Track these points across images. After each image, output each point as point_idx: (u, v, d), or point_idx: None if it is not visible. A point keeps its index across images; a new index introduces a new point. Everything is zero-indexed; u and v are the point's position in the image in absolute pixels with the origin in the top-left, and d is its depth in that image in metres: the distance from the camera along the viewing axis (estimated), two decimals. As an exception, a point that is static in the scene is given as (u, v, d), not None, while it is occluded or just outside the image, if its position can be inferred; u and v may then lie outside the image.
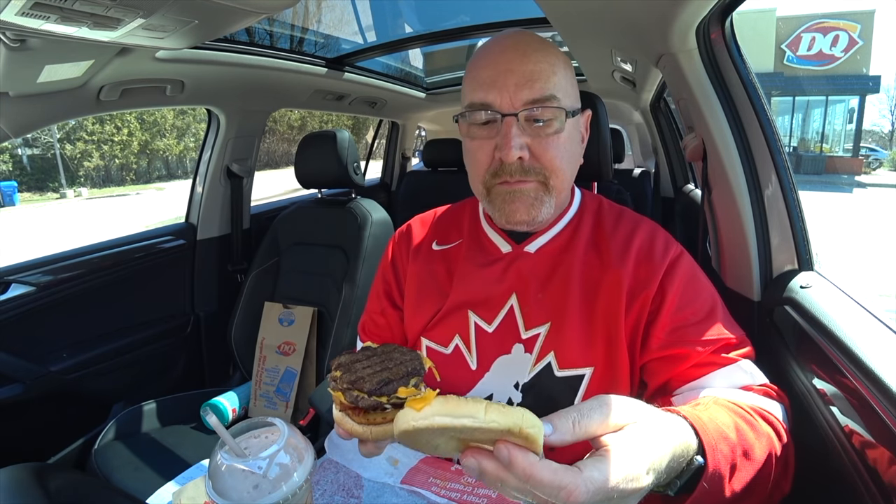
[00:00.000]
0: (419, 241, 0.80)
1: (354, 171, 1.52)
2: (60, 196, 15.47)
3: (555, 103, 0.60)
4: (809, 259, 0.83)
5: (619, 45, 1.29)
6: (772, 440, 0.52)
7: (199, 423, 1.38)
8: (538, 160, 0.61)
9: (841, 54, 15.64)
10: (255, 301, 1.58)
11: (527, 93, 0.59)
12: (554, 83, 0.60)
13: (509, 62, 0.60)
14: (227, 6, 0.84)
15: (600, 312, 0.64)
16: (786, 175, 0.84)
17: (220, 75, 1.43)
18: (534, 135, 0.61)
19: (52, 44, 0.91)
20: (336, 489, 0.64)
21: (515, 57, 0.60)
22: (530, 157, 0.61)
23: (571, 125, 0.64)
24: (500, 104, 0.60)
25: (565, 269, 0.67)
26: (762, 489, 0.50)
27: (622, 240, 0.68)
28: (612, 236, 0.68)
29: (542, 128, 0.61)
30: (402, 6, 2.04)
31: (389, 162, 3.02)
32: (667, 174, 2.35)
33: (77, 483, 0.65)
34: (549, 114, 0.60)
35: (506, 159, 0.60)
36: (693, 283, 0.65)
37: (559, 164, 0.62)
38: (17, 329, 1.28)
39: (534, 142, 0.61)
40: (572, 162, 0.66)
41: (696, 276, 0.66)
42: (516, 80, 0.59)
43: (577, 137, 0.67)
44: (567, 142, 0.63)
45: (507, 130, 0.59)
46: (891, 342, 0.56)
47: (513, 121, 0.59)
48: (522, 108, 0.59)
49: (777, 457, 0.51)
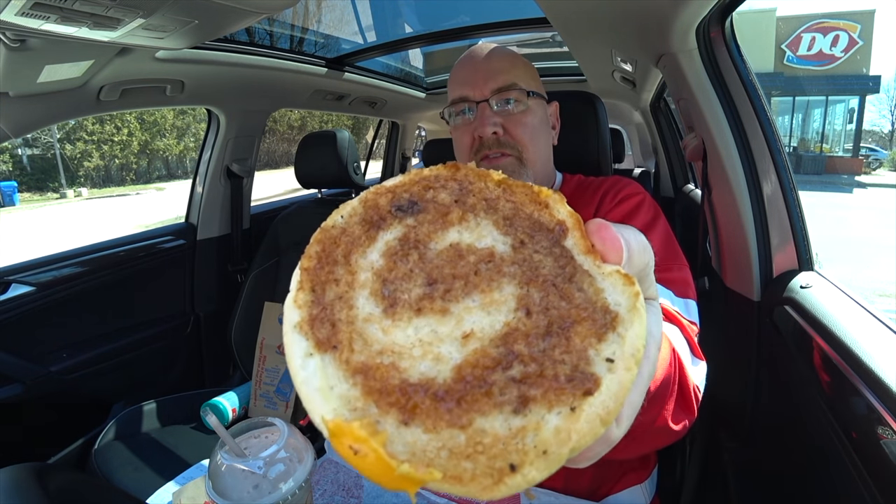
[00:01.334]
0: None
1: (354, 171, 1.52)
2: (60, 196, 15.47)
3: (517, 87, 0.74)
4: (809, 259, 0.84)
5: (619, 45, 1.29)
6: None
7: (199, 423, 1.38)
8: (511, 136, 0.74)
9: (841, 54, 15.64)
10: (255, 301, 1.58)
11: (492, 83, 0.73)
12: (514, 74, 0.74)
13: (477, 63, 0.76)
14: (227, 6, 0.84)
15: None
16: (786, 175, 0.84)
17: (220, 75, 1.43)
18: (505, 115, 0.74)
19: (52, 44, 0.91)
20: (336, 489, 0.64)
21: (481, 59, 0.76)
22: (504, 133, 0.74)
23: (538, 108, 0.77)
24: (473, 95, 0.74)
25: None
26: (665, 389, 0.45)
27: (599, 194, 0.78)
28: (589, 200, 0.79)
29: (511, 109, 0.74)
30: (402, 6, 2.04)
31: (389, 162, 3.02)
32: (667, 174, 2.35)
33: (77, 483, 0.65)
34: (513, 95, 0.74)
35: (483, 135, 0.73)
36: (655, 224, 0.72)
37: (529, 138, 0.74)
38: (17, 329, 1.28)
39: (506, 120, 0.74)
40: (542, 140, 0.78)
41: (657, 218, 0.73)
42: (483, 75, 0.74)
43: (546, 122, 0.80)
44: (535, 121, 0.76)
45: (482, 113, 0.74)
46: (891, 342, 0.56)
47: (485, 105, 0.74)
48: (491, 95, 0.73)
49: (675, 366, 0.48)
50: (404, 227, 0.24)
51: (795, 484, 0.56)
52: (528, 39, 1.98)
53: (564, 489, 0.67)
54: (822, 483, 0.61)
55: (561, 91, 1.00)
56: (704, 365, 0.57)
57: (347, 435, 0.18)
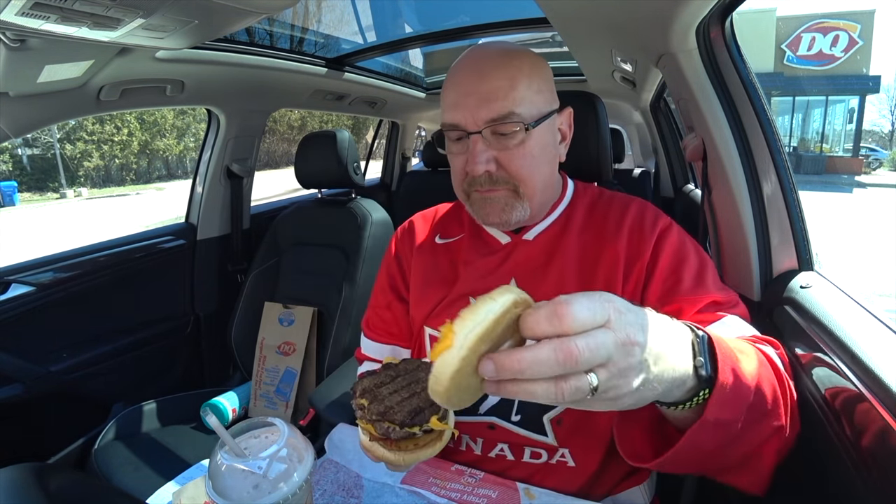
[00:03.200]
0: (422, 237, 0.83)
1: (354, 171, 1.52)
2: (60, 196, 15.47)
3: (513, 118, 0.62)
4: (809, 259, 0.83)
5: (619, 45, 1.29)
6: (764, 361, 0.50)
7: (199, 423, 1.38)
8: (505, 170, 0.65)
9: (841, 54, 15.65)
10: (255, 301, 1.58)
11: (485, 112, 0.62)
12: (512, 98, 0.62)
13: (468, 85, 0.64)
14: (227, 6, 0.84)
15: (600, 285, 0.67)
16: (786, 175, 0.84)
17: (220, 75, 1.43)
18: (500, 147, 0.64)
19: (52, 44, 0.91)
20: (336, 489, 0.64)
21: (473, 79, 0.64)
22: (497, 167, 0.65)
23: (540, 132, 0.66)
24: (465, 124, 0.64)
25: (563, 250, 0.71)
26: (768, 404, 0.47)
27: (616, 217, 0.72)
28: (607, 216, 0.73)
29: (507, 140, 0.64)
30: (402, 6, 2.04)
31: (389, 162, 3.02)
32: (667, 174, 2.35)
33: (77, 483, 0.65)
34: (508, 128, 0.63)
35: (473, 173, 0.65)
36: (681, 250, 0.68)
37: (526, 173, 0.65)
38: (17, 329, 1.28)
39: (501, 154, 0.64)
40: (543, 167, 0.68)
41: (685, 244, 0.69)
42: (475, 101, 0.63)
43: (551, 140, 0.69)
44: (535, 150, 0.65)
45: (474, 147, 0.64)
46: (891, 342, 0.56)
47: (478, 138, 0.64)
48: (485, 126, 0.63)
49: (776, 375, 0.50)
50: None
51: (796, 484, 0.56)
52: (528, 39, 1.98)
53: (564, 489, 0.67)
54: (822, 483, 0.61)
55: (561, 91, 0.99)
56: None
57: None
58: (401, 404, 0.42)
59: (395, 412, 0.41)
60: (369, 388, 0.44)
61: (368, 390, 0.44)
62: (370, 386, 0.45)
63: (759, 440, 0.48)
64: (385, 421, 0.42)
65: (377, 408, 0.42)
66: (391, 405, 0.42)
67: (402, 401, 0.42)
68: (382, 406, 0.42)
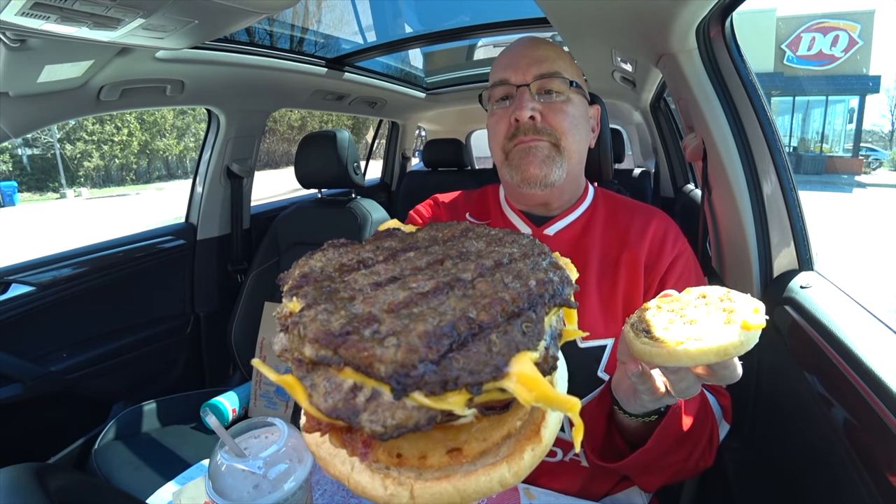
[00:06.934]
0: (455, 211, 0.84)
1: (354, 170, 1.52)
2: (60, 196, 15.47)
3: (559, 75, 0.71)
4: (809, 259, 0.83)
5: (619, 45, 1.28)
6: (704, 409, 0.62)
7: (199, 423, 1.38)
8: (549, 123, 0.71)
9: (841, 54, 15.66)
10: (255, 301, 1.58)
11: (535, 69, 0.71)
12: (559, 64, 0.72)
13: (522, 49, 0.74)
14: (227, 6, 0.84)
15: (621, 286, 0.71)
16: (786, 175, 0.84)
17: (220, 75, 1.43)
18: (545, 103, 0.71)
19: (52, 44, 0.91)
20: (336, 489, 0.64)
21: (528, 46, 0.74)
22: (542, 119, 0.71)
23: (580, 102, 0.74)
24: (514, 79, 0.72)
25: (584, 249, 0.74)
26: (699, 437, 0.60)
27: (639, 226, 0.76)
28: (630, 221, 0.77)
29: (551, 97, 0.72)
30: (402, 6, 2.04)
31: (389, 162, 3.02)
32: (667, 174, 2.35)
33: (77, 483, 0.65)
34: (555, 84, 0.71)
35: (520, 118, 0.70)
36: (686, 273, 0.74)
37: (568, 127, 0.71)
38: (17, 329, 1.28)
39: (545, 108, 0.71)
40: (582, 133, 0.74)
41: (695, 267, 0.76)
42: (527, 60, 0.72)
43: (586, 116, 0.76)
44: (575, 112, 0.72)
45: (521, 96, 0.71)
46: (891, 342, 0.56)
47: (525, 90, 0.71)
48: (533, 80, 0.71)
49: (709, 421, 0.62)
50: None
51: (796, 484, 0.56)
52: (528, 39, 1.97)
53: (564, 489, 0.67)
54: (822, 483, 0.61)
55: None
56: (728, 427, 0.68)
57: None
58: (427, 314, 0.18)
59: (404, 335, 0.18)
60: (330, 269, 0.20)
61: (328, 277, 0.20)
62: (334, 265, 0.20)
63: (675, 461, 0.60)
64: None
65: (336, 320, 0.19)
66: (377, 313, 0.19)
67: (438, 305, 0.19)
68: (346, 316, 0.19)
